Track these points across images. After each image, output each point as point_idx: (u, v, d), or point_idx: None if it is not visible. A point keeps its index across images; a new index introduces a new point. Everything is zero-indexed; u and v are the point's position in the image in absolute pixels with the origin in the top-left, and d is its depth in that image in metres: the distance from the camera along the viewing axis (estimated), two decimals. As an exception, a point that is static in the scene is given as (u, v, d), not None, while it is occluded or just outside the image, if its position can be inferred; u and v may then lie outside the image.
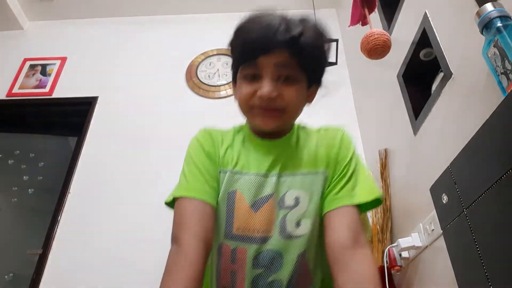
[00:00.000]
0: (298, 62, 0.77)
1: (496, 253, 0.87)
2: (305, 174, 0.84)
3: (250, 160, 0.85)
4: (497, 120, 0.86)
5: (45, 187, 2.71)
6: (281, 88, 0.77)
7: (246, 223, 0.80)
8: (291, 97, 0.78)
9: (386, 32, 1.53)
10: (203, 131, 0.90)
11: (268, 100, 0.76)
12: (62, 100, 2.61)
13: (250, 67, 0.78)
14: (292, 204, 0.81)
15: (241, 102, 0.82)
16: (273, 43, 0.74)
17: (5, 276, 2.36)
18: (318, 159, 0.85)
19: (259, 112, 0.79)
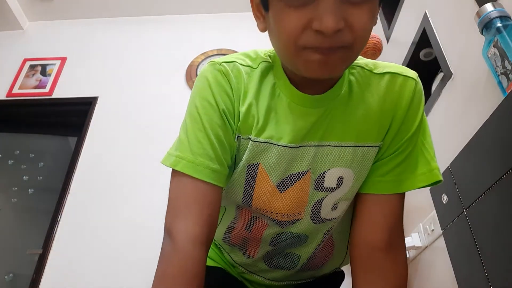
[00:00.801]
0: None
1: (496, 253, 0.87)
2: (356, 145, 0.62)
3: (282, 123, 0.61)
4: (497, 120, 0.86)
5: (45, 187, 2.71)
6: (348, 12, 0.47)
7: (267, 205, 0.64)
8: (363, 24, 0.49)
9: (376, 35, 1.53)
10: (217, 69, 0.63)
11: (332, 36, 0.47)
12: (62, 100, 2.61)
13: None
14: (333, 186, 0.63)
15: (283, 41, 0.51)
16: None
17: (5, 276, 2.36)
18: (377, 125, 0.62)
19: (317, 57, 0.50)
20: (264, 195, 0.64)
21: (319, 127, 0.61)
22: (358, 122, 0.61)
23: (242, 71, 0.62)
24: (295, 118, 0.60)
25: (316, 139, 0.61)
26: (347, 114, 0.61)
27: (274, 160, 0.62)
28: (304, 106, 0.60)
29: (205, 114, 0.61)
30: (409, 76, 0.64)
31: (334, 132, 0.61)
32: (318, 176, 0.63)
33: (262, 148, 0.62)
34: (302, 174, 0.62)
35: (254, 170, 0.63)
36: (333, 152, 0.62)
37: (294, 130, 0.60)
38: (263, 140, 0.61)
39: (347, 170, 0.63)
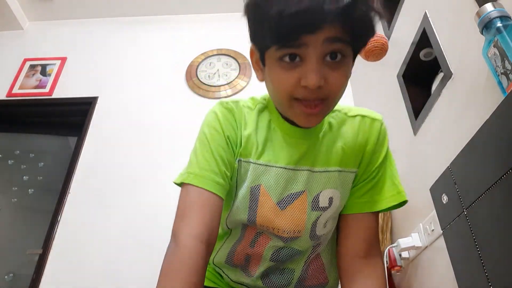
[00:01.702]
0: (349, 34, 0.59)
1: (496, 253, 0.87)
2: (339, 170, 0.75)
3: (278, 150, 0.73)
4: (497, 120, 0.86)
5: (45, 187, 2.71)
6: (327, 73, 0.60)
7: (270, 222, 0.72)
8: (338, 83, 0.62)
9: (384, 36, 1.54)
10: (224, 106, 0.76)
11: (315, 90, 0.60)
12: (62, 100, 2.61)
13: (288, 48, 0.59)
14: (326, 206, 0.74)
15: (279, 93, 0.65)
16: (322, 16, 0.56)
17: (5, 276, 2.36)
18: (352, 154, 0.76)
19: (302, 108, 0.63)
20: (267, 212, 0.72)
21: (309, 155, 0.74)
22: (339, 152, 0.75)
23: (243, 109, 0.77)
24: (288, 147, 0.73)
25: (308, 164, 0.74)
26: (330, 145, 0.75)
27: (273, 180, 0.72)
28: (295, 137, 0.74)
29: (212, 139, 0.73)
30: (376, 118, 0.80)
31: (322, 160, 0.75)
32: (314, 197, 0.74)
33: (262, 170, 0.73)
34: (299, 193, 0.73)
35: (257, 191, 0.73)
36: (323, 176, 0.74)
37: (288, 156, 0.73)
38: (262, 162, 0.73)
39: (335, 191, 0.75)
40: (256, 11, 0.62)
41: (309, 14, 0.55)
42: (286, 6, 0.55)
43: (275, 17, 0.57)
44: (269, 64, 0.64)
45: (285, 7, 0.56)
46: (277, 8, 0.56)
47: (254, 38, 0.67)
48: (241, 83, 2.61)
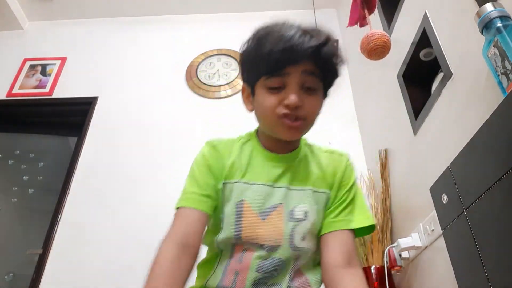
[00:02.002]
0: (320, 71, 0.80)
1: (496, 253, 0.87)
2: (313, 190, 0.88)
3: (258, 171, 0.87)
4: (497, 120, 0.86)
5: (45, 187, 2.71)
6: (304, 97, 0.79)
7: (254, 232, 0.82)
8: (313, 106, 0.82)
9: (386, 33, 1.53)
10: (209, 145, 0.91)
11: (295, 109, 0.78)
12: (62, 100, 2.61)
13: (275, 77, 0.79)
14: (302, 217, 0.85)
15: (265, 113, 0.82)
16: (301, 53, 0.76)
17: (5, 276, 2.36)
18: (324, 178, 0.90)
19: (285, 122, 0.80)
20: (251, 223, 0.83)
21: (286, 175, 0.88)
22: (313, 175, 0.90)
23: (225, 143, 0.92)
24: (268, 168, 0.88)
25: (285, 183, 0.87)
26: (305, 169, 0.91)
27: (255, 195, 0.84)
28: (275, 162, 0.89)
29: (198, 169, 0.87)
30: (343, 154, 0.97)
31: (298, 180, 0.89)
32: (290, 209, 0.85)
33: (245, 187, 0.85)
34: (276, 205, 0.85)
35: (241, 205, 0.84)
36: (299, 193, 0.87)
37: (268, 175, 0.87)
38: (245, 180, 0.86)
39: (310, 206, 0.87)
40: (251, 53, 0.82)
41: (292, 51, 0.76)
42: (276, 45, 0.76)
43: (267, 53, 0.77)
44: (258, 93, 0.83)
45: (274, 46, 0.76)
46: (269, 46, 0.77)
47: (247, 75, 0.87)
48: (241, 83, 2.61)
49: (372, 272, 1.65)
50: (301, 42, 0.76)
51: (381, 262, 1.64)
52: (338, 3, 2.88)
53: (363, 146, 2.28)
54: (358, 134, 2.34)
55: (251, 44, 0.83)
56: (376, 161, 1.91)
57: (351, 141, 2.31)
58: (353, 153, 2.56)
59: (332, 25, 2.79)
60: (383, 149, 1.88)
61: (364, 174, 2.06)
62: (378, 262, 1.67)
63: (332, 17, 2.90)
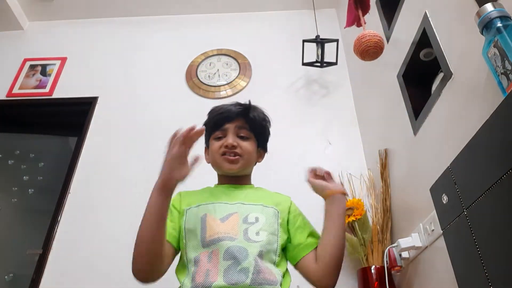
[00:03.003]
0: (249, 126, 1.22)
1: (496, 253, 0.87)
2: (263, 205, 1.14)
3: (219, 195, 1.17)
4: (497, 120, 0.86)
5: (45, 187, 2.71)
6: (239, 141, 1.19)
7: (216, 230, 1.05)
8: (246, 146, 1.20)
9: (377, 33, 1.53)
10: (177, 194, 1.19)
11: (231, 147, 1.17)
12: (62, 100, 2.61)
13: (219, 131, 1.21)
14: (253, 221, 1.09)
15: (214, 153, 1.20)
16: (234, 114, 1.21)
17: (5, 276, 2.36)
18: (272, 201, 1.17)
19: (226, 158, 1.18)
20: (213, 225, 1.07)
21: (240, 197, 1.17)
22: (261, 197, 1.19)
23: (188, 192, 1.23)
24: (227, 193, 1.19)
25: (240, 200, 1.15)
26: (255, 194, 1.21)
27: (217, 209, 1.11)
28: (230, 189, 1.21)
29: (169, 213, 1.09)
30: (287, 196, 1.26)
31: (249, 199, 1.16)
32: (244, 216, 1.10)
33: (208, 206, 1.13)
34: (233, 213, 1.11)
35: (204, 217, 1.09)
36: (251, 207, 1.14)
37: (227, 197, 1.17)
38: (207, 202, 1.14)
39: (260, 214, 1.12)
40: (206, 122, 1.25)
41: (228, 113, 1.22)
42: (219, 112, 1.24)
43: (212, 118, 1.24)
44: (210, 144, 1.24)
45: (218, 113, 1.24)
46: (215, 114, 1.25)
47: (206, 139, 1.26)
48: (241, 83, 2.61)
49: (372, 272, 1.65)
50: (233, 107, 1.23)
51: (381, 262, 1.64)
52: (338, 3, 2.88)
53: (363, 146, 2.28)
54: (358, 134, 2.34)
55: (208, 117, 1.26)
56: (376, 161, 1.91)
57: (351, 141, 2.31)
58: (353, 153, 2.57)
59: (332, 25, 2.80)
60: (383, 149, 1.88)
61: (364, 174, 2.06)
62: (378, 262, 1.67)
63: (332, 17, 2.89)
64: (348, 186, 2.01)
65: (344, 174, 2.03)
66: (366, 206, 1.88)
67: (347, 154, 2.25)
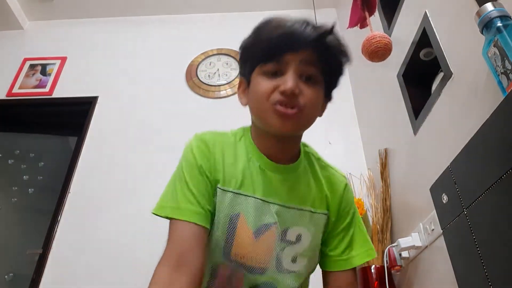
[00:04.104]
0: (322, 63, 0.75)
1: (496, 253, 0.87)
2: (310, 211, 0.84)
3: (256, 182, 0.79)
4: (497, 120, 0.86)
5: (45, 187, 2.71)
6: (302, 86, 0.73)
7: (245, 251, 0.77)
8: (311, 97, 0.74)
9: (387, 35, 1.53)
10: (199, 139, 0.82)
11: (291, 95, 0.71)
12: (62, 100, 2.61)
13: (272, 63, 0.74)
14: (293, 240, 0.81)
15: (258, 99, 0.75)
16: (301, 40, 0.72)
17: (5, 276, 2.36)
18: (323, 200, 0.86)
19: (278, 111, 0.72)
20: (244, 242, 0.77)
21: (284, 192, 0.81)
22: (312, 193, 0.85)
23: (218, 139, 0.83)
24: (264, 179, 0.80)
25: (282, 199, 0.81)
26: (304, 186, 0.84)
27: (252, 210, 0.78)
28: (272, 172, 0.81)
29: (188, 173, 0.78)
30: (341, 175, 0.94)
31: (296, 198, 0.82)
32: (283, 229, 0.80)
33: (241, 200, 0.78)
34: (270, 225, 0.79)
35: (236, 219, 0.77)
36: (295, 214, 0.82)
37: (264, 188, 0.80)
38: (242, 192, 0.78)
39: (305, 229, 0.82)
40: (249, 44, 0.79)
41: (291, 37, 0.72)
42: (273, 31, 0.74)
43: (264, 39, 0.74)
44: (253, 81, 0.77)
45: (272, 32, 0.73)
46: (267, 33, 0.74)
47: (244, 68, 0.81)
48: (241, 83, 2.61)
49: (372, 272, 1.65)
50: (302, 29, 0.72)
51: (381, 262, 1.64)
52: (338, 3, 2.88)
53: (363, 146, 2.28)
54: (358, 134, 2.34)
55: (249, 36, 0.79)
56: (376, 161, 1.91)
57: (351, 141, 2.31)
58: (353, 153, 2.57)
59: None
60: (383, 149, 1.88)
61: (364, 174, 2.06)
62: (378, 262, 1.67)
63: (332, 17, 2.89)
64: (348, 186, 2.01)
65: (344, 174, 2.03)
66: (366, 206, 1.88)
67: (347, 154, 2.25)
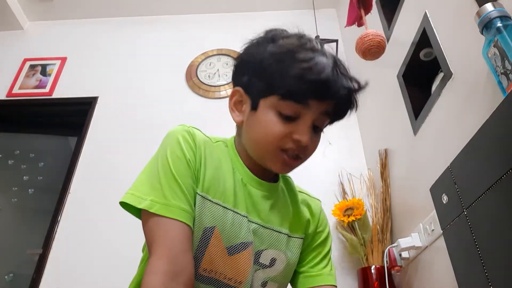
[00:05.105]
0: (334, 115, 0.73)
1: (496, 253, 0.87)
2: (287, 234, 0.80)
3: (238, 195, 0.74)
4: (497, 120, 0.86)
5: (45, 187, 2.71)
6: (312, 135, 0.71)
7: (215, 266, 0.70)
8: (316, 144, 0.75)
9: (380, 33, 1.53)
10: (187, 129, 0.76)
11: (303, 147, 0.70)
12: (62, 100, 2.61)
13: (295, 104, 0.67)
14: (266, 264, 0.76)
15: (267, 138, 0.69)
16: (334, 90, 0.67)
17: (5, 276, 2.36)
18: (300, 223, 0.83)
19: (284, 160, 0.70)
20: (215, 255, 0.70)
21: (264, 210, 0.76)
22: (290, 216, 0.82)
23: (203, 138, 0.77)
24: (246, 194, 0.75)
25: (260, 218, 0.76)
26: (283, 207, 0.81)
27: (228, 225, 0.71)
28: (254, 187, 0.77)
29: (174, 164, 0.70)
30: (316, 198, 0.91)
31: (274, 218, 0.78)
32: (257, 251, 0.75)
33: (220, 212, 0.71)
34: (247, 244, 0.72)
35: (210, 232, 0.70)
36: (272, 235, 0.77)
37: (246, 203, 0.74)
38: (221, 204, 0.72)
39: (280, 253, 0.77)
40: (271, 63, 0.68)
41: (326, 85, 0.66)
42: (308, 71, 0.65)
43: (295, 75, 0.65)
44: (264, 111, 0.70)
45: (307, 72, 0.65)
46: (299, 69, 0.65)
47: (252, 84, 0.72)
48: (241, 83, 2.61)
49: (372, 272, 1.65)
50: (336, 79, 0.67)
51: (381, 262, 1.64)
52: (338, 3, 2.88)
53: (363, 146, 2.28)
54: (358, 134, 2.34)
55: (271, 51, 0.69)
56: (376, 161, 1.91)
57: (351, 141, 2.31)
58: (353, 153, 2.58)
59: (332, 25, 2.80)
60: (383, 149, 1.88)
61: (364, 174, 2.06)
62: (378, 262, 1.67)
63: (332, 17, 2.89)
64: (348, 186, 2.01)
65: (344, 174, 2.03)
66: (366, 206, 1.88)
67: (347, 154, 2.25)
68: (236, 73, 0.80)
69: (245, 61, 0.76)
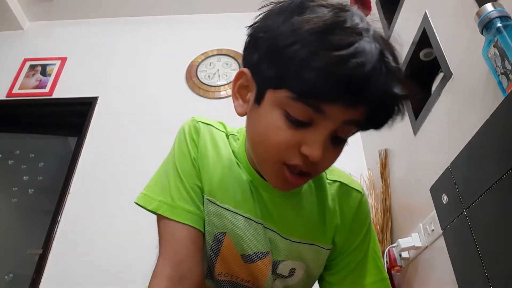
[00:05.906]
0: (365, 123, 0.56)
1: (496, 253, 0.87)
2: (309, 244, 0.68)
3: (248, 200, 0.64)
4: (497, 120, 0.86)
5: (45, 187, 2.71)
6: (328, 148, 0.53)
7: (231, 269, 0.65)
8: (332, 161, 0.58)
9: None
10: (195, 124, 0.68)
11: (312, 164, 0.52)
12: (62, 100, 2.61)
13: (308, 109, 0.49)
14: (285, 274, 0.68)
15: (269, 147, 0.53)
16: (369, 94, 0.48)
17: (5, 276, 2.36)
18: (328, 229, 0.68)
19: (285, 177, 0.55)
20: (229, 260, 0.65)
21: (280, 218, 0.66)
22: (315, 222, 0.68)
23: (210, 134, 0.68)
24: (258, 198, 0.65)
25: (277, 227, 0.66)
26: (306, 212, 0.67)
27: (242, 231, 0.63)
28: (264, 190, 0.66)
29: (180, 163, 0.66)
30: (355, 189, 0.72)
31: (293, 227, 0.66)
32: (275, 262, 0.67)
33: (231, 218, 0.64)
34: (264, 254, 0.65)
35: (221, 238, 0.64)
36: (291, 246, 0.67)
37: (258, 208, 0.65)
38: (231, 208, 0.64)
39: (300, 263, 0.68)
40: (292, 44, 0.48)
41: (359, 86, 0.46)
42: (340, 63, 0.45)
43: (318, 69, 0.46)
44: (268, 107, 0.53)
45: (337, 64, 0.45)
46: (328, 60, 0.45)
47: (262, 68, 0.54)
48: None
49: (372, 272, 1.65)
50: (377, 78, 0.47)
51: (381, 262, 1.64)
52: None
53: (363, 146, 2.28)
54: (358, 134, 2.33)
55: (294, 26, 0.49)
56: (376, 161, 1.91)
57: (351, 141, 2.30)
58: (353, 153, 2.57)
59: (332, 25, 2.79)
60: (383, 149, 1.88)
61: (364, 174, 2.06)
62: (378, 262, 1.67)
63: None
64: (348, 186, 2.01)
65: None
66: (366, 206, 1.88)
67: (347, 154, 2.24)
68: (247, 50, 0.60)
69: (258, 35, 0.57)
